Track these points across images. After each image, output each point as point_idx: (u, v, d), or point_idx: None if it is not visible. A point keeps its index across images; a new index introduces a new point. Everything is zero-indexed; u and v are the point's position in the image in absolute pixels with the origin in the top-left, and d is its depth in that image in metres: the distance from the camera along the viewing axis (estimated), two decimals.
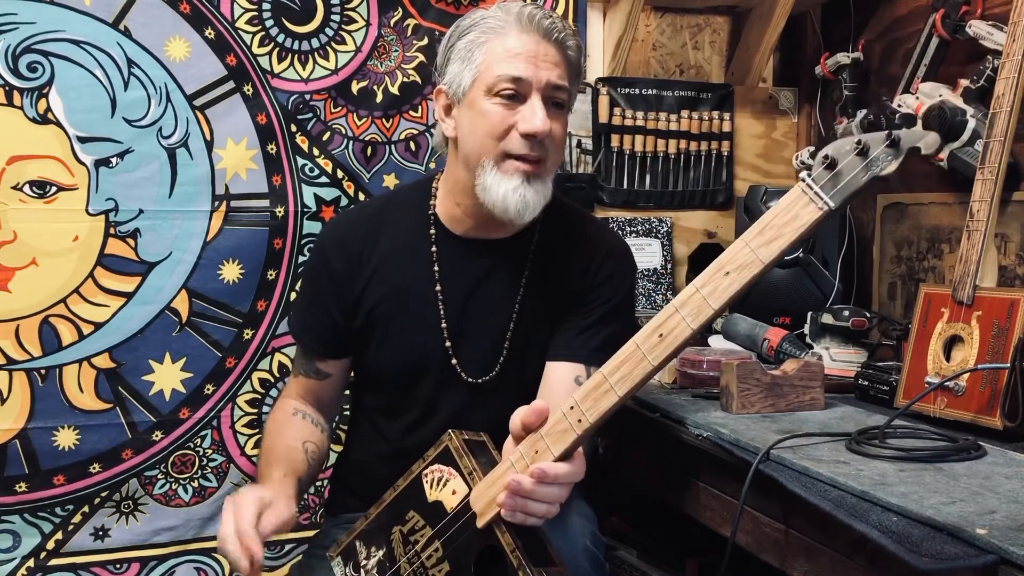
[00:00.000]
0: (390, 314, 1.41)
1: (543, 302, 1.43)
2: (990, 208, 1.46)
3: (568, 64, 1.33)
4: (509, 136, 1.30)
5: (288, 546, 1.92)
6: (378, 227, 1.45)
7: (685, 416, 1.50)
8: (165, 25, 1.74)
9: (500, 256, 1.41)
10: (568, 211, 1.50)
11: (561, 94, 1.32)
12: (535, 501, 1.07)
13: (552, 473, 1.06)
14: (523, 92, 1.29)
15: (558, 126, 1.33)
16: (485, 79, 1.31)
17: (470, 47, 1.33)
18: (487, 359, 1.41)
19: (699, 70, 2.34)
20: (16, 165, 1.67)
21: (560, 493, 1.08)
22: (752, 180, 2.26)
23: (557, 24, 1.32)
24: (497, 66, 1.30)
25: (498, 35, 1.31)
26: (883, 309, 2.06)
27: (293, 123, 1.84)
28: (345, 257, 1.43)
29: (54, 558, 1.76)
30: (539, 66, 1.29)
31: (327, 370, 1.48)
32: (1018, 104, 1.48)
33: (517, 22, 1.31)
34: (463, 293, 1.41)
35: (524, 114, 1.29)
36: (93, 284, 1.73)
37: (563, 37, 1.32)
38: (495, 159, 1.31)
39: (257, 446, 1.86)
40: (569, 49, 1.34)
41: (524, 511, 1.08)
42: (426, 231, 1.43)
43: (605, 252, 1.44)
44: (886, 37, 2.09)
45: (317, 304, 1.45)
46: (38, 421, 1.71)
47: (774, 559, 1.30)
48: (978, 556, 0.93)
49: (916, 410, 1.44)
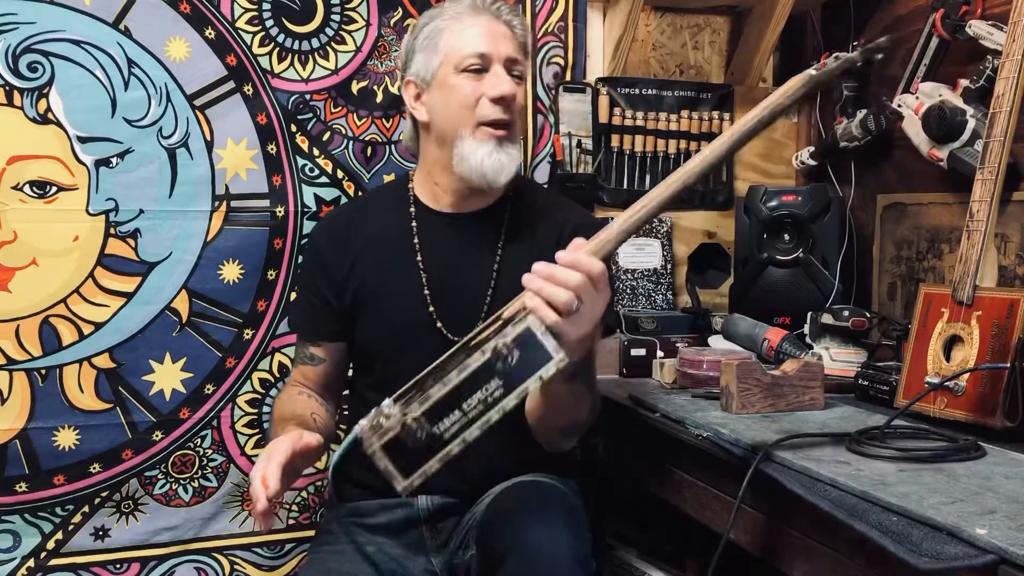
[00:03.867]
0: (376, 290, 1.53)
1: (519, 264, 1.47)
2: (990, 208, 1.46)
3: (518, 42, 1.52)
4: (480, 103, 1.46)
5: (288, 546, 1.92)
6: (362, 216, 1.61)
7: (685, 416, 1.50)
8: (165, 25, 1.74)
9: (477, 225, 1.54)
10: (535, 187, 1.72)
11: (518, 66, 1.50)
12: (556, 284, 1.10)
13: (569, 256, 1.11)
14: (486, 66, 1.46)
15: (520, 93, 1.50)
16: (452, 59, 1.47)
17: (433, 36, 1.50)
18: (470, 319, 1.47)
19: (699, 70, 2.34)
20: (16, 165, 1.67)
21: (583, 283, 1.10)
22: (752, 180, 2.26)
23: (504, 7, 1.52)
24: (462, 46, 1.47)
25: (457, 21, 1.49)
26: (883, 309, 2.06)
27: (293, 123, 1.84)
28: (333, 244, 1.57)
29: (54, 558, 1.76)
30: (497, 42, 1.48)
31: (320, 355, 1.57)
32: (1018, 104, 1.48)
33: (471, 8, 1.50)
34: (443, 261, 1.53)
35: (491, 81, 1.46)
36: (93, 284, 1.73)
37: (510, 18, 1.52)
38: (471, 128, 1.46)
39: (258, 446, 1.86)
40: (517, 28, 1.52)
41: (543, 292, 1.10)
42: (406, 210, 1.57)
43: (575, 222, 1.55)
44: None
45: (311, 290, 1.58)
46: (38, 421, 1.71)
47: (774, 559, 1.30)
48: (978, 556, 0.93)
49: (916, 410, 1.44)
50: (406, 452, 1.06)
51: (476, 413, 1.06)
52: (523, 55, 1.53)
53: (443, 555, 1.48)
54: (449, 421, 1.06)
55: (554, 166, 2.08)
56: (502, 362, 1.07)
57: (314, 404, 1.54)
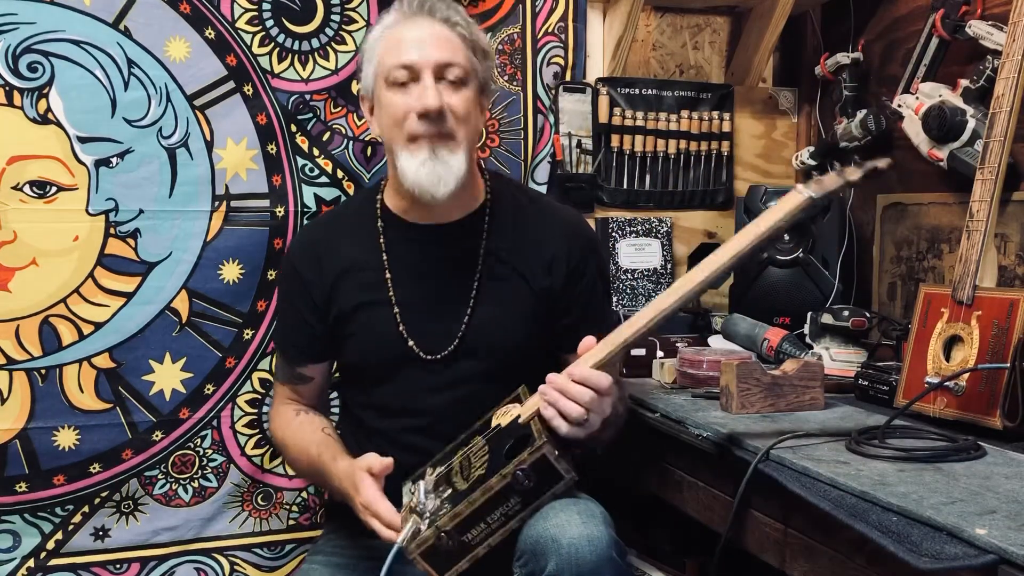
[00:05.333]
0: (352, 314, 1.49)
1: (498, 292, 1.48)
2: (990, 208, 1.46)
3: (459, 39, 1.40)
4: (408, 119, 1.37)
5: (288, 547, 1.91)
6: (337, 233, 1.55)
7: (685, 416, 1.50)
8: (165, 25, 1.74)
9: (451, 238, 1.48)
10: (516, 191, 1.59)
11: (455, 70, 1.38)
12: (568, 399, 1.23)
13: (581, 372, 1.24)
14: (415, 76, 1.37)
15: (458, 100, 1.38)
16: (382, 73, 1.40)
17: (371, 47, 1.43)
18: (445, 344, 1.46)
19: (699, 70, 2.34)
20: (16, 165, 1.67)
21: (592, 399, 1.23)
22: (752, 180, 2.26)
23: (440, 5, 1.41)
24: (388, 57, 1.39)
25: (390, 28, 1.41)
26: (883, 309, 2.06)
27: (293, 123, 1.84)
28: (311, 264, 1.52)
29: (54, 558, 1.76)
30: (426, 48, 1.37)
31: (309, 374, 1.56)
32: (1018, 104, 1.48)
33: (405, 12, 1.40)
34: (414, 283, 1.47)
35: (416, 93, 1.36)
36: (93, 284, 1.73)
37: (447, 14, 1.40)
38: (403, 143, 1.38)
39: (257, 446, 1.86)
40: (457, 25, 1.40)
41: (557, 405, 1.24)
42: (375, 223, 1.51)
43: (564, 236, 1.50)
44: (886, 37, 2.09)
45: (293, 312, 1.54)
46: (38, 421, 1.71)
47: (774, 559, 1.30)
48: (978, 556, 0.93)
49: (916, 410, 1.44)
50: (440, 556, 1.24)
51: (498, 524, 1.24)
52: (465, 53, 1.41)
53: None
54: (475, 531, 1.24)
55: (554, 166, 2.08)
56: (520, 485, 1.23)
57: (317, 420, 1.55)
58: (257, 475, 1.87)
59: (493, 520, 1.24)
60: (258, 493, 1.88)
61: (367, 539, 1.48)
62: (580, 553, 1.20)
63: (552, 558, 1.21)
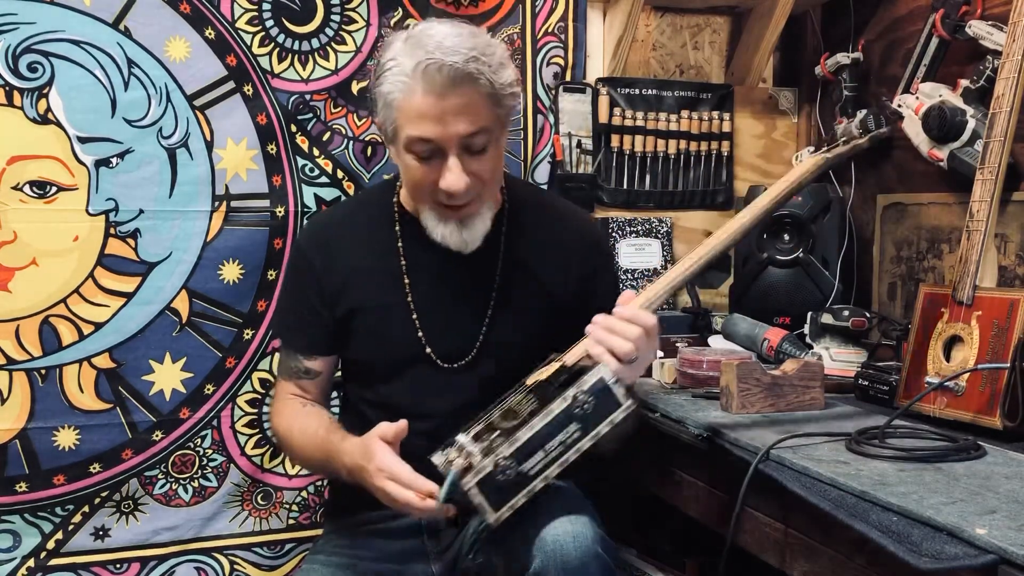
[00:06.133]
0: (367, 311, 1.47)
1: (518, 299, 1.48)
2: (990, 208, 1.46)
3: (482, 96, 1.30)
4: (432, 189, 1.35)
5: (288, 546, 1.92)
6: (351, 225, 1.53)
7: (685, 416, 1.50)
8: (165, 25, 1.74)
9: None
10: (532, 195, 1.60)
11: (479, 139, 1.31)
12: (616, 335, 1.23)
13: (630, 311, 1.26)
14: (438, 149, 1.31)
15: (483, 165, 1.34)
16: (400, 137, 1.33)
17: (386, 100, 1.32)
18: (464, 350, 1.45)
19: (699, 70, 2.34)
20: (16, 165, 1.67)
21: (640, 336, 1.24)
22: (752, 180, 2.26)
23: (459, 62, 1.26)
24: (407, 127, 1.31)
25: (405, 94, 1.29)
26: (883, 309, 2.06)
27: (293, 123, 1.84)
28: (323, 254, 1.49)
29: (54, 558, 1.76)
30: (447, 123, 1.28)
31: (317, 368, 1.53)
32: (1018, 104, 1.48)
33: (422, 81, 1.27)
34: (433, 287, 1.47)
35: (442, 173, 1.31)
36: (93, 284, 1.73)
37: (469, 72, 1.26)
38: (429, 204, 1.38)
39: (257, 446, 1.86)
40: (479, 83, 1.28)
41: (605, 342, 1.23)
42: (391, 224, 1.49)
43: (579, 242, 1.52)
44: (886, 37, 2.09)
45: (303, 302, 1.51)
46: (38, 421, 1.71)
47: (774, 559, 1.30)
48: (978, 556, 0.93)
49: (916, 410, 1.44)
50: (498, 488, 1.17)
51: (557, 454, 1.19)
52: (489, 110, 1.31)
53: (442, 562, 1.47)
54: (534, 460, 1.18)
55: (554, 166, 2.08)
56: (580, 408, 1.19)
57: (326, 412, 1.54)
58: (257, 475, 1.87)
59: (552, 448, 1.18)
60: (258, 493, 1.88)
61: (367, 539, 1.48)
62: (565, 549, 1.20)
63: (537, 555, 1.21)
